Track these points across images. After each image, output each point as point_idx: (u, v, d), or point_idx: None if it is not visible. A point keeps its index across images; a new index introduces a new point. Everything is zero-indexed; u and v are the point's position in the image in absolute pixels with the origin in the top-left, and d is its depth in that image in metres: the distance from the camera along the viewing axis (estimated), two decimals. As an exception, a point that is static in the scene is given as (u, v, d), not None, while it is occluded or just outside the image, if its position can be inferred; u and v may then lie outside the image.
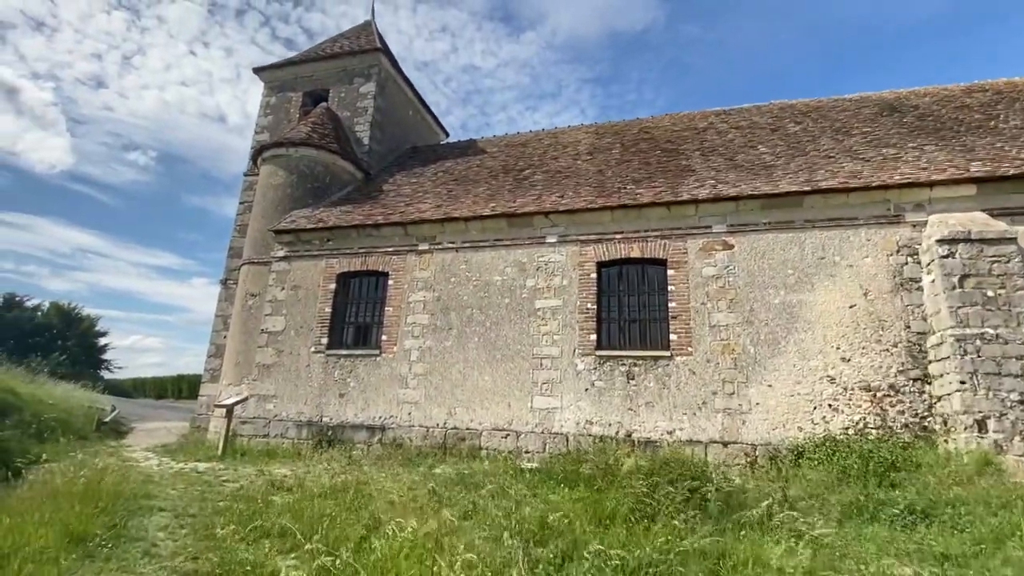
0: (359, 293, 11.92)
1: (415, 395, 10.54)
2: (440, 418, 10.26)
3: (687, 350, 9.29)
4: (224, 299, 15.36)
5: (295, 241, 12.40)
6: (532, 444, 9.58)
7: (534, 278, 10.52)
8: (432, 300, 11.04)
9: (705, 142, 12.83)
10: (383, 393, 10.77)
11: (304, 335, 11.64)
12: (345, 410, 10.89)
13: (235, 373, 12.28)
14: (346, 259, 11.95)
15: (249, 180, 16.34)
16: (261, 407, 11.44)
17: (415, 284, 11.27)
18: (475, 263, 11.00)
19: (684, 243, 9.86)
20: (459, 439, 9.98)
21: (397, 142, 17.23)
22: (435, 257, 11.32)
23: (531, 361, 10.04)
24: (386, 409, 10.65)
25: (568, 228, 10.59)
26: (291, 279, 12.18)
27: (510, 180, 12.88)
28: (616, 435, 9.21)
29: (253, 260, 13.05)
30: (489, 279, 10.80)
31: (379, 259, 11.71)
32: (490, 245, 11.00)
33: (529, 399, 9.86)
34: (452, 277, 11.07)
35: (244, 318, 12.68)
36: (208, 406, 14.42)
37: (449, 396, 10.34)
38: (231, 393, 11.94)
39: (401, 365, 10.80)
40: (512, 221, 10.92)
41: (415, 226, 11.54)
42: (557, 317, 10.14)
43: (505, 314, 10.48)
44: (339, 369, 11.18)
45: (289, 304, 11.99)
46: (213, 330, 15.25)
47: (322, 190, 13.69)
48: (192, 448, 11.27)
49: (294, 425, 11.06)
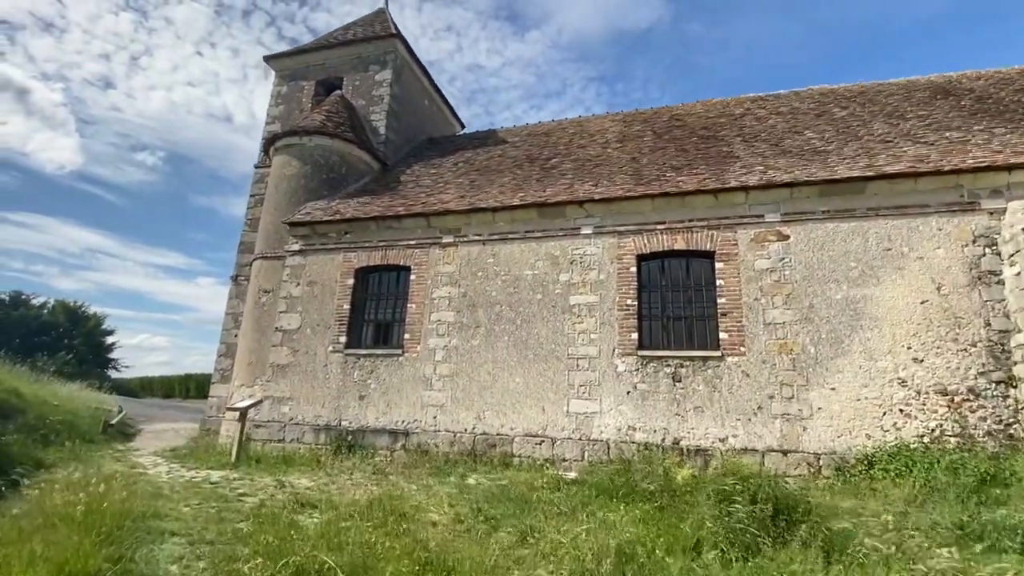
0: (379, 289, 11.22)
1: (440, 398, 9.84)
2: (468, 422, 9.55)
3: (739, 350, 8.54)
4: (235, 296, 14.71)
5: (310, 234, 11.72)
6: (569, 452, 8.85)
7: (568, 272, 9.79)
8: (458, 296, 10.33)
9: (744, 128, 12.06)
10: (406, 395, 10.07)
11: (321, 333, 10.97)
12: (365, 413, 10.20)
13: (247, 374, 11.62)
14: (365, 253, 11.25)
15: (260, 172, 15.69)
16: (276, 410, 10.77)
17: (439, 279, 10.56)
18: (503, 256, 10.28)
19: (733, 234, 9.10)
20: (489, 445, 9.27)
21: (413, 132, 16.53)
22: (460, 250, 10.60)
23: (566, 362, 9.32)
24: (409, 412, 9.95)
25: (605, 218, 9.84)
26: (306, 274, 11.50)
27: (536, 169, 12.15)
28: (662, 442, 8.48)
29: (266, 255, 12.38)
30: (519, 273, 10.08)
31: (400, 253, 11.00)
32: (520, 237, 10.27)
33: (565, 403, 9.13)
34: (479, 271, 10.36)
35: (257, 316, 12.02)
36: (219, 407, 13.79)
37: (477, 399, 9.63)
38: (244, 395, 11.28)
39: (425, 365, 10.10)
40: (543, 211, 10.19)
41: (439, 217, 10.83)
42: (594, 314, 9.41)
43: (537, 311, 9.76)
44: (359, 370, 10.49)
45: (305, 301, 11.31)
46: (223, 328, 14.61)
47: (338, 181, 13.01)
48: (203, 453, 10.61)
49: (311, 429, 10.39)
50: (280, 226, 12.33)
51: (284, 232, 12.22)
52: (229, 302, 14.79)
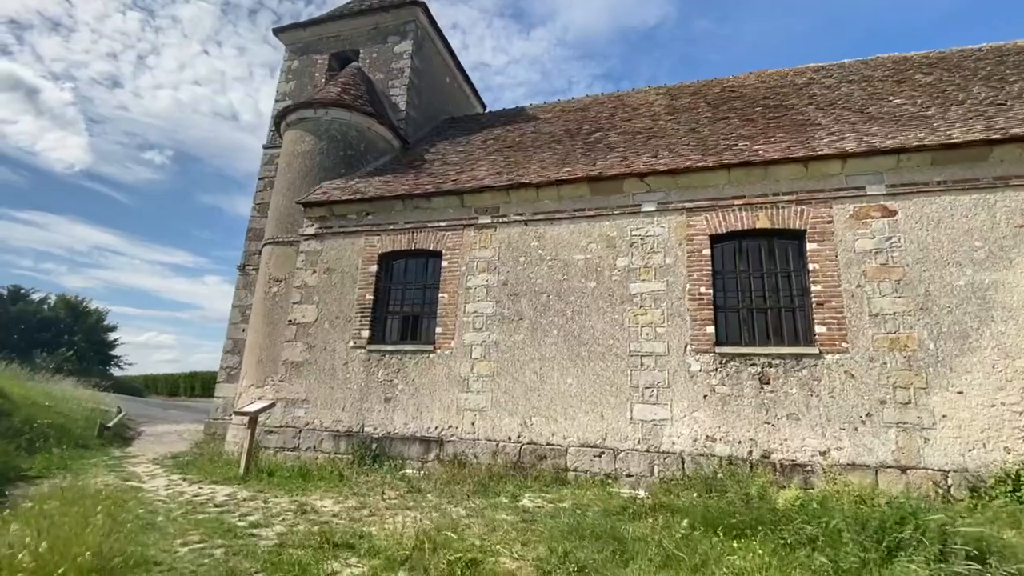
0: (406, 277, 9.93)
1: (479, 401, 8.54)
2: (512, 430, 8.25)
3: (841, 346, 7.19)
4: (243, 287, 13.47)
5: (328, 216, 10.44)
6: (635, 465, 7.53)
7: (627, 256, 8.45)
8: (497, 284, 9.02)
9: (815, 96, 10.67)
10: (439, 398, 8.78)
11: (340, 327, 9.68)
12: (392, 418, 8.92)
13: (257, 372, 10.36)
14: (389, 236, 9.95)
15: (270, 153, 14.43)
16: (290, 414, 9.50)
17: (475, 265, 9.25)
18: (550, 239, 8.96)
19: (828, 209, 7.74)
20: (538, 457, 7.96)
21: (434, 111, 15.22)
22: (499, 232, 9.29)
23: (628, 360, 7.99)
24: (443, 418, 8.66)
25: (670, 193, 8.50)
26: (323, 261, 10.21)
27: (579, 144, 10.81)
28: (749, 456, 7.15)
29: (277, 239, 11.11)
30: (568, 258, 8.76)
31: (430, 236, 9.70)
32: (568, 217, 8.95)
33: (627, 408, 7.81)
34: (521, 256, 9.04)
35: (267, 307, 10.75)
36: (225, 409, 12.55)
37: (523, 403, 8.32)
38: (253, 396, 10.02)
39: (461, 364, 8.80)
40: (596, 186, 8.86)
41: (474, 195, 9.51)
42: (660, 304, 8.07)
43: (591, 301, 8.43)
44: (384, 368, 9.20)
45: (321, 290, 10.03)
46: (230, 323, 13.37)
47: (356, 159, 11.71)
48: (207, 463, 9.36)
49: (330, 436, 9.11)
50: (293, 208, 11.06)
51: (297, 215, 10.94)
52: (236, 294, 13.55)
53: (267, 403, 8.48)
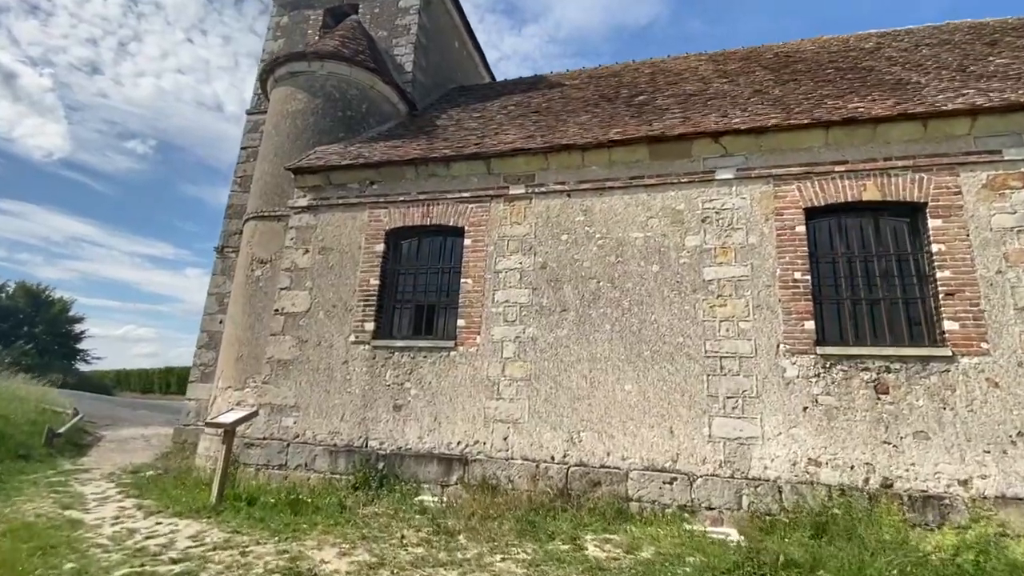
0: (419, 258, 8.25)
1: (513, 410, 6.93)
2: (556, 447, 6.65)
3: (979, 347, 5.71)
4: (221, 272, 11.66)
5: (324, 185, 8.71)
6: (716, 495, 5.98)
7: (699, 234, 6.89)
8: (533, 268, 7.40)
9: (894, 59, 9.20)
10: (461, 406, 7.14)
11: (338, 318, 7.99)
12: (403, 430, 7.26)
13: (236, 371, 8.62)
14: (399, 209, 8.27)
15: (254, 119, 12.62)
16: (276, 423, 7.79)
17: (505, 244, 7.62)
18: (599, 212, 7.36)
19: (953, 178, 6.25)
20: (591, 483, 6.37)
21: (442, 78, 13.50)
22: (535, 205, 7.67)
23: (703, 362, 6.44)
24: (468, 431, 7.03)
25: (751, 157, 6.96)
26: (318, 238, 8.49)
27: (622, 107, 9.21)
28: (865, 484, 5.64)
29: (262, 214, 9.34)
30: (623, 236, 7.17)
31: (449, 209, 8.04)
32: (622, 186, 7.36)
33: (705, 422, 6.26)
34: (564, 234, 7.43)
35: (249, 294, 9.00)
36: (198, 413, 10.77)
37: (568, 413, 6.73)
38: (230, 401, 8.28)
39: (489, 364, 7.18)
40: (658, 149, 7.27)
41: (504, 160, 7.87)
42: (743, 293, 6.53)
43: (653, 288, 6.86)
44: (393, 368, 7.54)
45: (316, 274, 8.31)
46: (205, 313, 11.57)
47: (356, 122, 9.99)
48: (173, 483, 7.63)
49: (325, 452, 7.42)
50: (281, 177, 9.31)
51: (287, 185, 9.20)
52: (213, 280, 11.75)
53: (247, 411, 6.76)
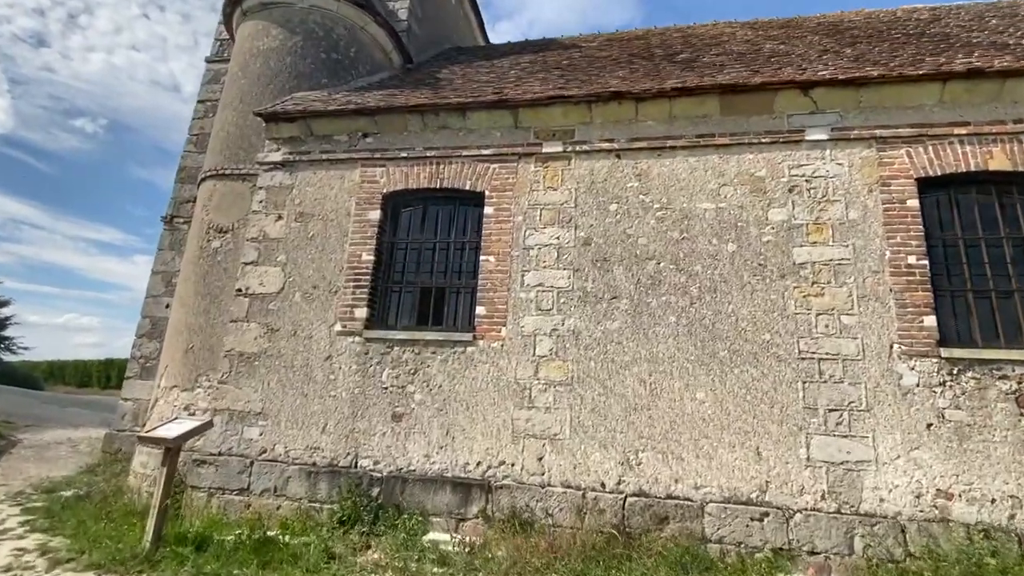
0: (425, 229, 6.63)
1: (550, 423, 5.43)
2: (608, 471, 5.20)
3: None
4: (169, 245, 9.71)
5: (304, 136, 6.98)
6: (820, 536, 4.65)
7: (785, 206, 5.56)
8: (574, 243, 5.92)
9: (964, 27, 8.11)
10: (482, 416, 5.60)
11: (320, 302, 6.30)
12: (405, 447, 5.66)
13: (185, 367, 6.81)
14: (400, 168, 6.63)
15: (215, 69, 10.68)
16: (236, 434, 6.04)
17: (538, 215, 6.11)
18: (657, 178, 5.94)
19: (1105, 144, 5.11)
20: (656, 518, 4.94)
21: (436, 35, 11.83)
22: (576, 166, 6.18)
23: (796, 365, 5.10)
24: (491, 448, 5.49)
25: (848, 115, 5.66)
26: (294, 201, 6.77)
27: (665, 63, 7.82)
28: (1010, 522, 4.42)
29: (223, 171, 7.53)
30: (689, 207, 5.77)
31: (464, 169, 6.46)
32: (686, 145, 5.95)
33: (801, 441, 4.93)
34: (612, 202, 5.97)
35: (204, 270, 7.18)
36: (135, 417, 8.85)
37: (623, 428, 5.28)
38: (176, 405, 6.49)
39: (518, 363, 5.65)
40: (731, 102, 5.89)
41: (536, 111, 6.35)
42: (844, 280, 5.23)
43: (730, 272, 5.49)
44: (391, 367, 5.92)
45: (291, 246, 6.60)
46: (149, 295, 9.60)
47: (343, 68, 8.27)
48: (96, 512, 5.82)
49: (302, 473, 5.74)
50: (248, 127, 7.53)
51: (255, 137, 7.43)
52: (159, 256, 9.78)
53: (198, 421, 5.01)
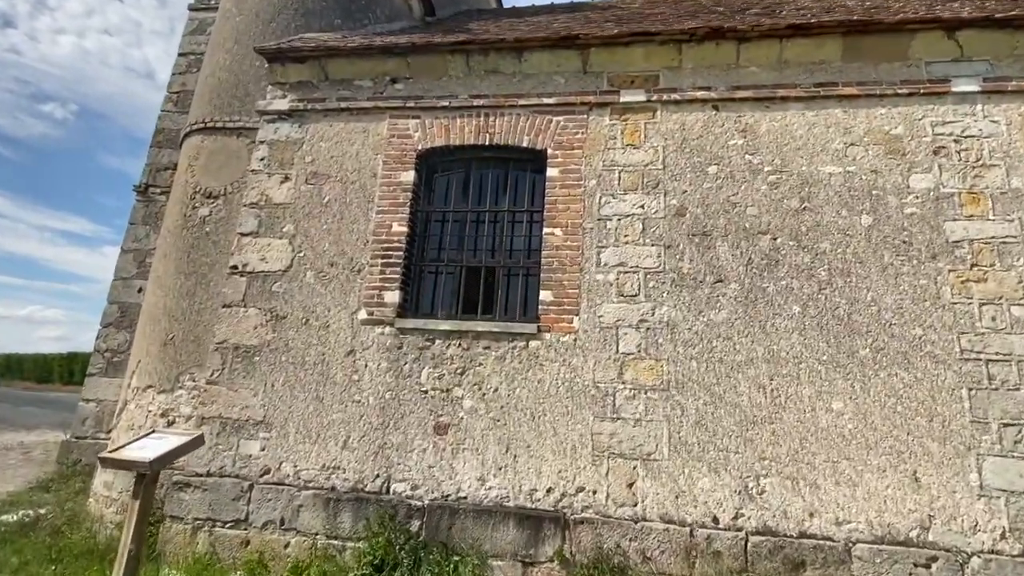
0: (468, 196, 5.38)
1: (641, 438, 4.27)
2: (722, 502, 4.06)
3: None
4: (143, 219, 8.28)
5: (317, 80, 5.67)
6: (1009, 588, 3.60)
7: (930, 171, 4.49)
8: (665, 214, 4.76)
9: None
10: (552, 428, 4.41)
11: (340, 283, 5.03)
12: (453, 467, 4.44)
13: (163, 363, 5.46)
14: (439, 121, 5.38)
15: (199, 17, 9.25)
16: (230, 449, 4.74)
17: (616, 178, 4.93)
18: (767, 134, 4.82)
19: None
20: (789, 564, 3.83)
21: None
22: (663, 120, 5.02)
23: (959, 368, 4.04)
24: (564, 470, 4.31)
25: (1001, 64, 4.60)
26: (305, 159, 5.47)
27: (738, 16, 6.72)
28: None
29: (213, 124, 6.16)
30: (810, 171, 4.66)
31: (520, 122, 5.24)
32: (802, 97, 4.84)
33: (971, 464, 3.86)
34: (711, 164, 4.83)
35: (189, 244, 5.83)
36: (99, 421, 7.46)
37: (738, 445, 4.15)
38: (151, 411, 5.14)
39: (596, 362, 4.48)
40: (857, 44, 4.80)
41: (612, 51, 5.17)
42: (1011, 262, 4.18)
43: (866, 251, 4.39)
44: (432, 365, 4.69)
45: (302, 213, 5.30)
46: (117, 277, 8.17)
47: (358, 9, 6.98)
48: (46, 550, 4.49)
49: (318, 501, 4.47)
50: (245, 72, 6.19)
51: (253, 84, 6.11)
52: (131, 231, 8.33)
53: (183, 437, 3.70)
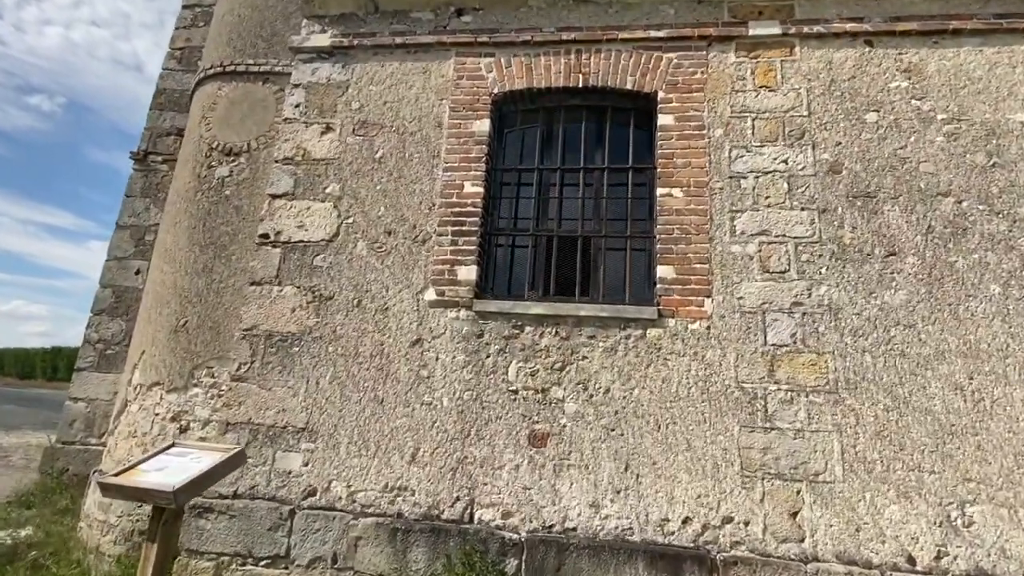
0: (551, 152, 4.40)
1: (804, 453, 3.32)
2: (916, 537, 3.12)
3: None
4: (141, 191, 7.21)
5: (363, 13, 4.65)
6: None
7: None
8: (815, 171, 3.81)
9: None
10: (684, 441, 3.45)
11: (400, 255, 4.03)
12: (556, 489, 3.46)
13: (173, 354, 4.42)
14: (518, 59, 4.39)
15: (206, -34, 8.17)
16: (264, 463, 3.72)
17: (748, 126, 3.98)
18: (937, 75, 3.88)
19: None
20: (1021, 621, 2.91)
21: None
22: (803, 58, 4.07)
23: None
24: (705, 496, 3.35)
25: None
26: (352, 106, 4.46)
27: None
28: None
29: (233, 68, 5.12)
30: (996, 119, 3.74)
31: (621, 60, 4.27)
32: (978, 30, 3.90)
33: None
34: (869, 110, 3.88)
35: (205, 210, 4.79)
36: (88, 424, 6.38)
37: (933, 463, 3.21)
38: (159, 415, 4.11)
39: (738, 357, 3.52)
40: (1049, -35, 3.90)
41: (735, -25, 4.22)
42: None
43: (1076, 218, 3.48)
44: (522, 359, 3.71)
45: (349, 171, 4.29)
46: (111, 257, 7.09)
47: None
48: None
49: (380, 531, 3.47)
50: (270, 8, 5.17)
51: (281, 22, 5.08)
52: (127, 204, 7.25)
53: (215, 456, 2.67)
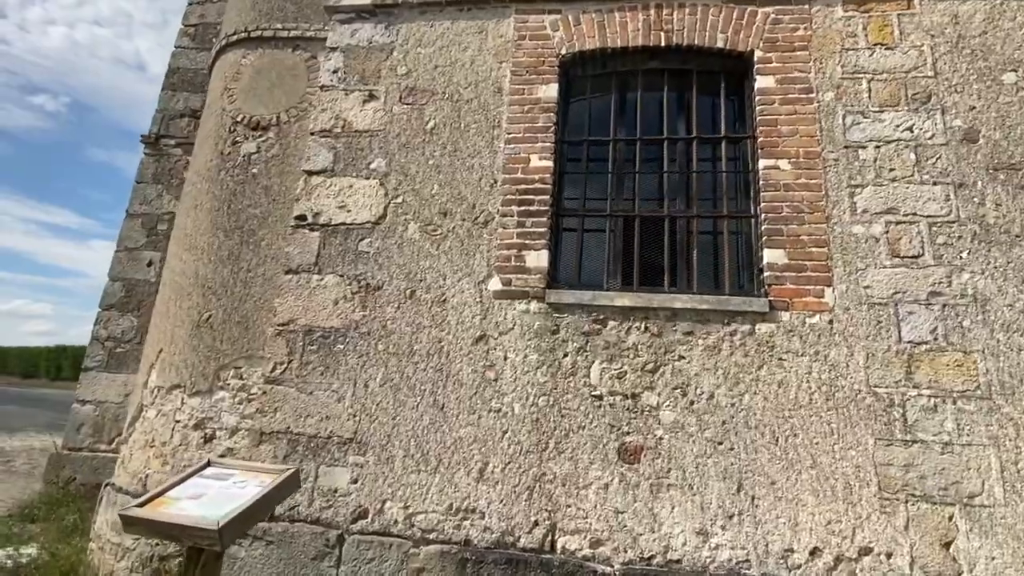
0: (626, 123, 3.87)
1: (954, 472, 2.78)
2: (1093, 573, 2.58)
3: None
4: (153, 177, 6.69)
5: (409, -35, 4.13)
6: None
7: None
8: (946, 139, 3.27)
9: None
10: (808, 457, 2.91)
11: (458, 239, 3.50)
12: (655, 512, 2.93)
13: (195, 352, 3.90)
14: (588, 16, 3.85)
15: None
16: (305, 478, 3.20)
17: (864, 89, 3.43)
18: (1081, 31, 3.34)
19: None
20: None
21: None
22: (923, 11, 3.52)
23: None
24: (836, 523, 2.81)
25: None
26: (398, 71, 3.93)
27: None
28: None
29: (259, 34, 4.60)
30: None
31: (708, 16, 3.73)
32: None
33: None
34: (1007, 69, 3.33)
35: (230, 190, 4.27)
36: (96, 428, 5.88)
37: (1108, 484, 2.68)
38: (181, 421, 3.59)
39: (868, 356, 2.98)
40: None
41: (841, -82, 3.68)
42: None
43: None
44: (606, 359, 3.17)
45: (397, 144, 3.77)
46: (121, 248, 6.57)
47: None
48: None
49: (446, 561, 2.94)
50: (300, -32, 4.63)
51: (312, -17, 4.55)
52: (138, 191, 6.73)
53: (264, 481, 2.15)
